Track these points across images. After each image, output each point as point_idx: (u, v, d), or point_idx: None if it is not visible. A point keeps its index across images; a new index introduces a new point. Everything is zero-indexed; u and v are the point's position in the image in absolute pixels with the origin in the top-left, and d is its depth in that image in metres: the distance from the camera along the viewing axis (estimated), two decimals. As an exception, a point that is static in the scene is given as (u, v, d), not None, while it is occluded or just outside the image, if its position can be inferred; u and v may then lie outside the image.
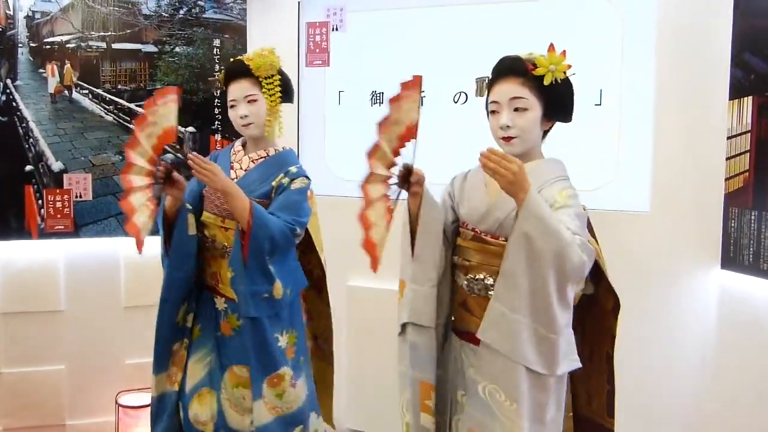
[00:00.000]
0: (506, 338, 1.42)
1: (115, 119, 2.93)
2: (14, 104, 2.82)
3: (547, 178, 1.57)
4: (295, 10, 2.98)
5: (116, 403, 2.79)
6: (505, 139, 1.56)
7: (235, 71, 2.00)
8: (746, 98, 2.22)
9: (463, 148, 2.55)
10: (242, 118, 1.98)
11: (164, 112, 1.82)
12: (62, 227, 2.83)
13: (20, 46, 2.83)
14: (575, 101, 1.62)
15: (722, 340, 2.33)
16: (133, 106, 2.94)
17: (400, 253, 1.68)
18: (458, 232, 1.69)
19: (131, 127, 2.88)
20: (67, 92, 2.89)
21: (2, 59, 2.80)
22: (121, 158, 2.72)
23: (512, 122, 1.54)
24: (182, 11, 2.96)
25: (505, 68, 1.57)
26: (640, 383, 2.44)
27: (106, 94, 2.91)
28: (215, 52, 2.99)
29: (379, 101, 2.87)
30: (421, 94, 1.55)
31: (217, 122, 3.00)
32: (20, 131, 2.82)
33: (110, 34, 2.90)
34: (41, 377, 2.84)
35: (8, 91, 2.81)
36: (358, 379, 2.91)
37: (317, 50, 2.97)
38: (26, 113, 2.83)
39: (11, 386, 2.80)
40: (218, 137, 3.01)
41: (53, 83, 2.87)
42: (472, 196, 1.66)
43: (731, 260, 2.29)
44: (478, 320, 1.52)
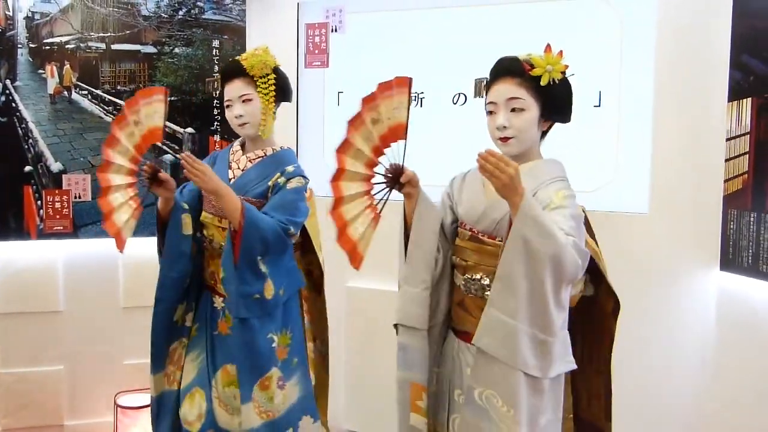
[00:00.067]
0: (504, 344, 1.41)
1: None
2: (13, 105, 2.82)
3: (544, 178, 1.56)
4: (294, 11, 2.98)
5: (115, 403, 2.79)
6: (502, 139, 1.56)
7: (230, 71, 2.01)
8: (745, 100, 2.22)
9: (462, 149, 2.56)
10: (237, 117, 1.98)
11: (149, 111, 1.82)
12: (61, 228, 2.83)
13: (20, 46, 2.83)
14: (574, 102, 1.62)
15: (721, 341, 2.33)
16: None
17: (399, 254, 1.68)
18: (457, 232, 1.69)
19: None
20: (66, 93, 2.89)
21: (2, 60, 2.81)
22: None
23: (509, 122, 1.54)
24: (181, 12, 2.97)
25: (502, 69, 1.57)
26: (639, 384, 2.44)
27: (105, 94, 2.91)
28: (214, 53, 3.00)
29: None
30: (410, 95, 1.54)
31: (216, 123, 3.00)
32: (19, 132, 2.82)
33: (109, 35, 2.90)
34: (40, 377, 2.84)
35: (8, 91, 2.81)
36: (357, 380, 2.90)
37: (316, 51, 2.98)
38: (25, 114, 2.83)
39: (10, 386, 2.81)
40: (217, 138, 3.01)
41: (52, 84, 2.87)
42: (470, 196, 1.66)
43: (730, 262, 2.29)
44: (474, 320, 1.52)
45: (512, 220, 1.38)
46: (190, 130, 3.00)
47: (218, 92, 2.91)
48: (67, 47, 2.87)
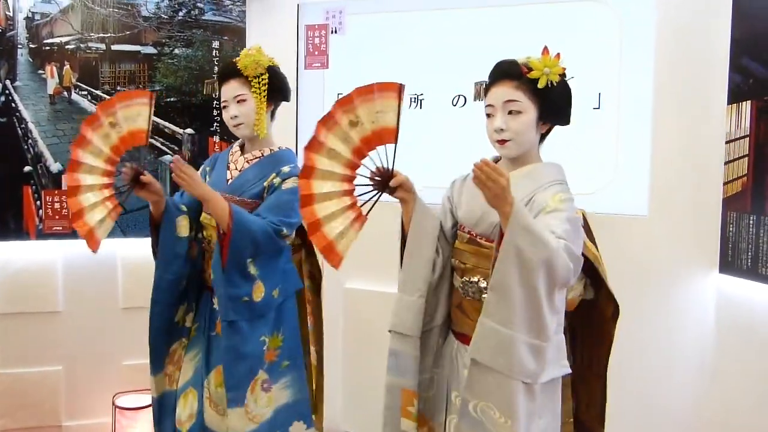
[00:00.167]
0: (500, 354, 1.40)
1: (114, 120, 2.93)
2: (13, 105, 2.82)
3: (543, 181, 1.56)
4: (294, 12, 2.98)
5: (113, 404, 2.79)
6: (499, 142, 1.56)
7: (225, 72, 2.02)
8: (745, 102, 2.22)
9: (461, 150, 2.56)
10: (232, 118, 1.99)
11: (129, 114, 1.81)
12: (60, 228, 2.83)
13: (20, 47, 2.83)
14: (573, 105, 1.61)
15: (720, 343, 2.32)
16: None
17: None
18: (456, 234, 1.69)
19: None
20: (66, 93, 2.89)
21: (2, 60, 2.81)
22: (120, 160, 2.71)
23: (506, 125, 1.54)
24: (181, 13, 2.97)
25: (500, 72, 1.57)
26: (638, 386, 2.44)
27: (105, 95, 2.91)
28: (214, 54, 3.00)
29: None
30: (401, 100, 1.52)
31: (215, 124, 3.00)
32: (19, 132, 2.83)
33: (109, 35, 2.90)
34: (38, 378, 2.84)
35: (7, 92, 2.81)
36: (354, 381, 2.90)
37: (316, 53, 2.98)
38: (25, 114, 2.84)
39: (8, 387, 2.80)
40: (217, 139, 3.01)
41: (52, 84, 2.87)
42: (469, 199, 1.66)
43: (729, 264, 2.29)
44: (472, 323, 1.51)
45: (503, 230, 1.38)
46: (189, 131, 3.00)
47: (217, 93, 2.92)
48: (67, 48, 2.88)
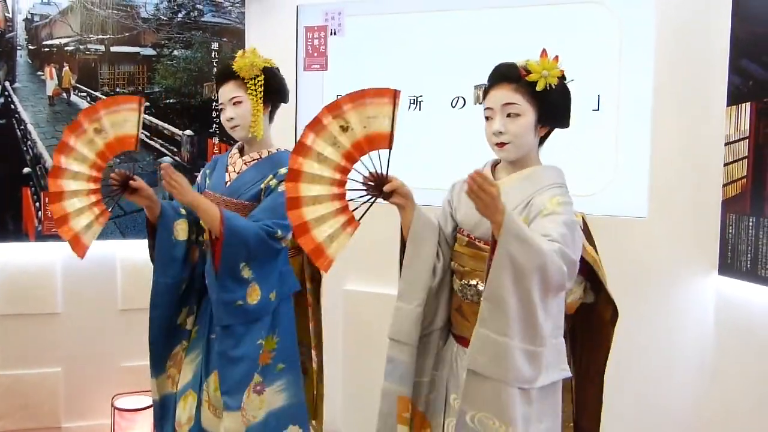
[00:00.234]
0: (496, 362, 1.40)
1: (113, 122, 2.93)
2: (12, 106, 2.82)
3: (542, 184, 1.56)
4: (293, 14, 2.98)
5: (112, 405, 2.79)
6: (498, 145, 1.56)
7: (221, 74, 2.02)
8: (744, 104, 2.22)
9: (461, 152, 2.57)
10: (228, 120, 1.99)
11: (116, 120, 1.82)
12: (59, 230, 2.83)
13: (19, 48, 2.83)
14: (573, 106, 1.61)
15: (720, 345, 2.32)
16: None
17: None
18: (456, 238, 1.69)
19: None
20: (65, 95, 2.89)
21: (1, 62, 2.81)
22: (119, 161, 2.71)
23: (505, 128, 1.54)
24: (181, 15, 2.97)
25: (499, 75, 1.57)
26: (638, 387, 2.44)
27: (104, 96, 2.91)
28: (213, 55, 3.00)
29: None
30: (396, 106, 1.52)
31: (215, 125, 3.00)
32: (18, 133, 2.83)
33: (109, 37, 2.90)
34: (37, 379, 2.84)
35: (6, 93, 2.82)
36: (354, 383, 2.89)
37: (315, 54, 2.98)
38: (24, 115, 2.84)
39: (7, 388, 2.80)
40: (216, 140, 3.01)
41: (51, 86, 2.87)
42: (468, 202, 1.65)
43: (729, 266, 2.29)
44: (470, 325, 1.51)
45: (496, 238, 1.38)
46: (188, 132, 3.00)
47: (216, 95, 2.92)
48: (66, 49, 2.88)
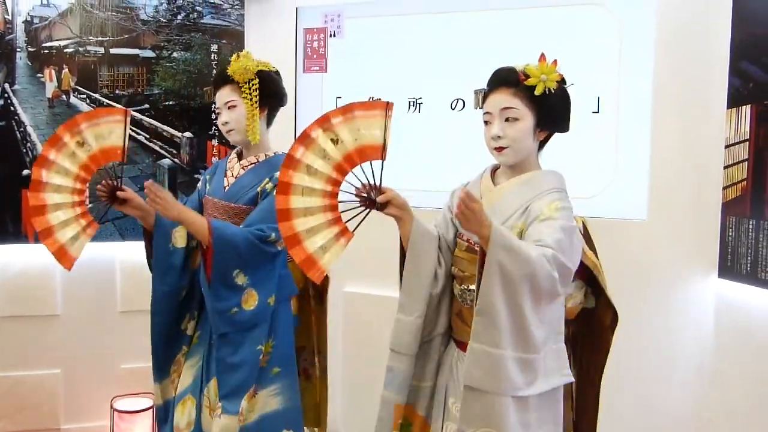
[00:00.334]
0: (492, 374, 1.41)
1: (112, 124, 2.93)
2: (12, 108, 2.82)
3: (541, 189, 1.56)
4: (292, 16, 2.98)
5: (111, 407, 2.79)
6: (497, 149, 1.56)
7: (217, 79, 2.03)
8: (744, 107, 2.22)
9: (460, 154, 2.57)
10: (224, 125, 1.99)
11: (100, 132, 1.82)
12: (59, 231, 2.83)
13: (18, 50, 2.83)
14: (572, 109, 1.61)
15: (719, 348, 2.32)
16: (130, 111, 2.93)
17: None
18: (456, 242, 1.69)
19: (129, 131, 2.88)
20: (64, 97, 2.89)
21: (0, 64, 2.81)
22: (119, 163, 2.70)
23: (503, 132, 1.54)
24: (180, 16, 2.97)
25: (497, 79, 1.57)
26: (637, 390, 2.44)
27: (103, 98, 2.91)
28: (213, 57, 3.00)
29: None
30: (388, 118, 1.52)
31: (214, 127, 3.00)
32: (18, 135, 2.83)
33: (108, 39, 2.90)
34: (37, 381, 2.84)
35: (6, 95, 2.82)
36: (354, 385, 2.90)
37: (315, 56, 2.97)
38: (24, 117, 2.84)
39: (7, 390, 2.80)
40: (215, 142, 3.01)
41: (51, 88, 2.87)
42: None
43: (728, 269, 2.28)
44: (470, 330, 1.51)
45: (485, 251, 1.38)
46: (188, 134, 3.00)
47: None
48: (65, 51, 2.88)
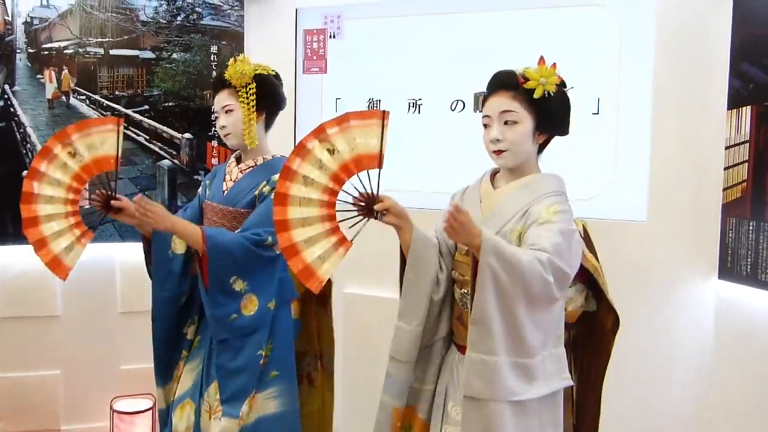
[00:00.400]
0: (490, 381, 1.42)
1: (112, 125, 2.93)
2: (12, 110, 2.83)
3: (540, 192, 1.55)
4: (292, 17, 2.98)
5: (111, 408, 2.79)
6: (496, 152, 1.56)
7: (215, 83, 2.03)
8: (745, 108, 2.22)
9: (460, 155, 2.56)
10: (221, 129, 1.99)
11: (91, 142, 1.80)
12: (59, 233, 2.83)
13: (18, 51, 2.83)
14: (572, 110, 1.60)
15: (719, 349, 2.32)
16: (130, 112, 2.94)
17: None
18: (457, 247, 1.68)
19: (128, 133, 2.89)
20: (64, 98, 2.89)
21: (0, 65, 2.81)
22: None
23: (502, 135, 1.53)
24: (180, 18, 2.97)
25: (497, 82, 1.56)
26: (637, 391, 2.44)
27: (103, 100, 2.91)
28: (212, 58, 3.00)
29: (376, 109, 2.86)
30: (384, 127, 1.51)
31: (213, 129, 3.00)
32: (18, 136, 2.83)
33: (108, 40, 2.90)
34: (37, 382, 2.84)
35: (6, 96, 2.82)
36: (354, 386, 2.90)
37: (314, 57, 2.97)
38: (24, 119, 2.84)
39: (7, 391, 2.80)
40: (215, 144, 3.01)
41: (51, 89, 2.87)
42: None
43: (728, 270, 2.28)
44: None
45: (477, 260, 1.38)
46: (187, 135, 3.00)
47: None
48: (65, 52, 2.88)
